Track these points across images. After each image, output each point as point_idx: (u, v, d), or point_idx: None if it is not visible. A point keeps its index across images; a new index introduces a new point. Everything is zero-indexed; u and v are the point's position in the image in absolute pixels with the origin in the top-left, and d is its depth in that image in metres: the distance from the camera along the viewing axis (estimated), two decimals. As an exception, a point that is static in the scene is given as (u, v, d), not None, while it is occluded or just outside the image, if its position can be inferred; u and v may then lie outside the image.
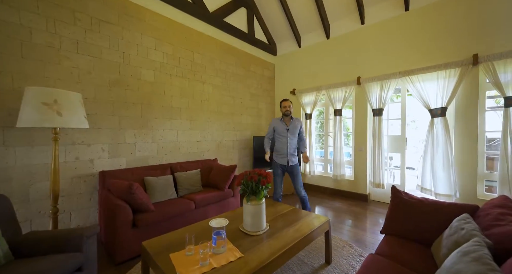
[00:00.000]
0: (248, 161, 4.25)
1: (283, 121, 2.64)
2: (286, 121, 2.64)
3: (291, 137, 2.59)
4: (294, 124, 2.61)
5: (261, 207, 1.61)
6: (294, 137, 2.61)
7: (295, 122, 2.62)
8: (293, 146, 2.62)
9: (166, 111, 2.97)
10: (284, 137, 2.60)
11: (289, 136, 2.59)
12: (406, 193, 1.63)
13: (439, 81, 2.84)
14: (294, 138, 2.62)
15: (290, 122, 2.62)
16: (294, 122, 2.62)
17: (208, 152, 3.54)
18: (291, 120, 2.62)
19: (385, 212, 3.11)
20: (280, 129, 2.62)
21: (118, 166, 2.50)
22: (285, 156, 2.60)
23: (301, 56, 4.47)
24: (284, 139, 2.59)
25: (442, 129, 2.77)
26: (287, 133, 2.59)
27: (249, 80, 4.29)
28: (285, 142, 2.58)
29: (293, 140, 2.61)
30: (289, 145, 2.59)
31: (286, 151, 2.58)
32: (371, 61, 3.53)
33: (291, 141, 2.59)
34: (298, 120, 2.69)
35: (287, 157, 2.59)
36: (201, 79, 3.42)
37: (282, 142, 2.61)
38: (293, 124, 2.61)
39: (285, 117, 2.64)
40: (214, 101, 3.62)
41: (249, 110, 4.31)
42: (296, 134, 2.62)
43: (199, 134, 3.41)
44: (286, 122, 2.63)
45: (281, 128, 2.61)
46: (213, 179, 2.92)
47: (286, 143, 2.58)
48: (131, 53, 2.61)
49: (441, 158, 2.75)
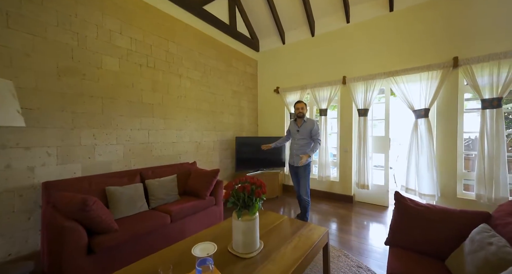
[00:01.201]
0: (230, 163, 3.95)
1: (296, 123, 2.71)
2: (298, 122, 2.69)
3: (299, 138, 2.63)
4: (305, 125, 2.62)
5: (254, 223, 1.34)
6: (303, 138, 2.61)
7: (307, 123, 2.63)
8: (301, 147, 2.61)
9: (135, 108, 2.52)
10: (293, 138, 2.71)
11: (298, 137, 2.64)
12: (411, 199, 1.51)
13: (422, 82, 2.87)
14: (303, 140, 2.61)
15: (302, 124, 2.65)
16: (305, 124, 2.63)
17: (186, 154, 3.15)
18: (303, 122, 2.65)
19: (371, 214, 3.08)
20: (292, 130, 2.75)
21: (71, 174, 2.02)
22: (292, 156, 2.68)
23: (285, 53, 4.30)
24: (293, 139, 2.72)
25: (425, 130, 2.81)
26: (296, 134, 2.66)
27: (230, 76, 3.98)
28: (294, 142, 2.69)
29: (301, 141, 2.62)
30: (297, 146, 2.63)
31: (293, 152, 2.67)
32: (357, 61, 3.49)
33: (298, 142, 2.63)
34: (312, 122, 2.62)
35: (293, 158, 2.66)
36: (178, 72, 3.02)
37: (292, 142, 2.74)
38: (304, 126, 2.63)
39: (298, 119, 2.68)
40: (192, 97, 3.24)
41: (231, 109, 4.00)
42: (306, 135, 2.61)
43: (175, 134, 3.00)
44: (298, 123, 2.69)
45: (293, 129, 2.73)
46: (192, 186, 2.56)
47: (294, 144, 2.68)
48: (89, 35, 2.13)
49: (425, 159, 2.78)
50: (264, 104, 4.62)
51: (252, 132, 4.57)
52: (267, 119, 4.57)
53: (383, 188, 3.39)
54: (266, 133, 4.56)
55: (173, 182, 2.44)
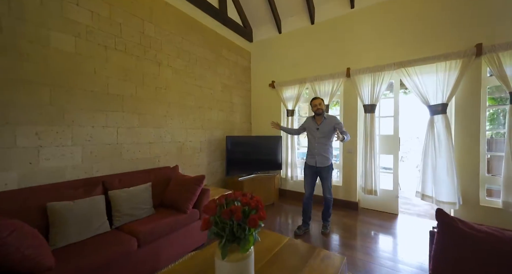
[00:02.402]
0: (220, 166, 3.48)
1: (315, 120, 2.51)
2: (318, 120, 2.49)
3: (320, 137, 2.42)
4: (326, 123, 2.42)
5: (247, 263, 0.90)
6: (324, 137, 2.42)
7: (327, 121, 2.43)
8: (322, 147, 2.42)
9: (98, 100, 2.02)
10: (313, 136, 2.49)
11: (319, 135, 2.43)
12: (462, 221, 1.11)
13: (438, 74, 2.52)
14: (324, 138, 2.42)
15: (322, 121, 2.45)
16: (326, 121, 2.43)
17: (166, 157, 2.67)
18: (323, 119, 2.44)
19: (380, 224, 2.70)
20: (311, 128, 2.52)
21: (1, 187, 1.50)
22: (313, 156, 2.46)
23: (282, 43, 3.88)
24: (313, 138, 2.49)
25: (443, 127, 2.45)
26: (316, 133, 2.45)
27: (220, 67, 3.52)
28: (314, 142, 2.47)
29: (322, 139, 2.42)
30: (318, 145, 2.43)
31: (314, 151, 2.46)
32: (363, 51, 3.11)
33: (320, 140, 2.42)
34: (333, 118, 2.44)
35: (315, 158, 2.44)
36: (156, 59, 2.54)
37: (311, 141, 2.52)
38: (324, 123, 2.43)
39: (317, 116, 2.48)
40: (174, 89, 2.76)
41: (221, 104, 3.54)
42: (327, 134, 2.41)
43: (153, 133, 2.52)
44: (317, 121, 2.49)
45: (312, 127, 2.51)
46: (170, 196, 2.09)
47: (315, 143, 2.46)
48: (26, 2, 1.62)
49: (444, 161, 2.42)
50: (258, 100, 4.18)
51: (245, 131, 4.12)
52: (262, 116, 4.14)
53: (391, 194, 3.02)
54: (260, 132, 4.13)
55: (146, 192, 1.96)
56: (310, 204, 2.53)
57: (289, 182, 3.79)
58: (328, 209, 2.52)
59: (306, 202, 2.50)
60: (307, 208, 2.51)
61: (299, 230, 2.49)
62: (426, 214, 3.04)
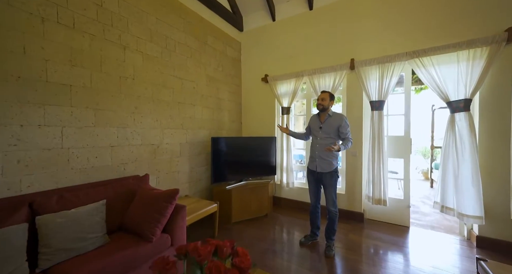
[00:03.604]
0: (205, 173, 2.99)
1: (319, 118, 2.19)
2: (322, 117, 2.17)
3: (323, 137, 2.11)
4: (330, 121, 2.10)
5: None
6: (328, 137, 2.09)
7: (332, 119, 2.10)
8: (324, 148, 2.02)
9: (29, 89, 1.49)
10: (315, 136, 2.19)
11: (321, 135, 2.12)
12: None
13: (460, 64, 2.15)
14: (328, 139, 2.09)
15: (325, 119, 2.12)
16: (330, 119, 2.10)
17: (135, 164, 2.15)
18: (327, 116, 2.11)
19: (390, 240, 2.31)
20: (314, 127, 2.22)
21: None
22: (313, 160, 2.16)
23: (276, 32, 3.43)
24: (315, 139, 2.18)
25: (466, 128, 2.08)
26: (319, 132, 2.14)
27: (205, 57, 3.02)
28: (315, 142, 2.17)
29: (325, 140, 2.09)
30: (319, 146, 2.11)
31: (315, 154, 2.15)
32: (369, 39, 2.71)
33: (322, 141, 2.10)
34: (338, 117, 2.10)
35: (315, 162, 2.14)
36: (120, 41, 2.02)
37: (312, 142, 2.22)
38: (328, 122, 2.10)
39: (321, 113, 2.17)
40: (145, 80, 2.25)
41: (206, 100, 3.05)
42: (332, 133, 2.08)
43: (116, 134, 2.00)
44: (321, 118, 2.17)
45: (315, 126, 2.20)
46: (133, 218, 1.59)
47: (316, 144, 2.15)
48: None
49: (468, 167, 2.05)
50: (249, 96, 3.72)
51: (235, 131, 3.65)
52: (253, 115, 3.68)
53: (402, 204, 2.64)
54: (252, 132, 3.67)
55: (96, 214, 1.45)
56: (317, 214, 2.25)
57: (285, 190, 3.35)
58: (333, 225, 2.11)
59: (313, 211, 2.26)
60: (313, 219, 2.26)
61: (305, 239, 2.26)
62: (439, 225, 2.68)
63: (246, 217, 2.83)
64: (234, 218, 2.74)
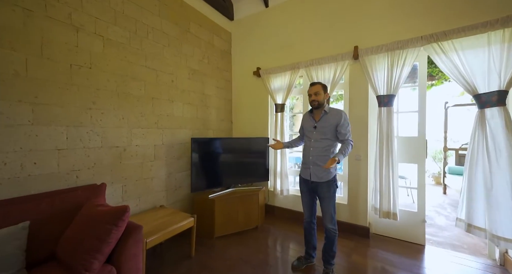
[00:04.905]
0: (186, 179, 2.61)
1: (312, 116, 1.81)
2: (316, 115, 1.79)
3: (318, 139, 1.73)
4: (326, 119, 1.72)
5: None
6: (324, 139, 1.70)
7: (330, 116, 1.72)
8: (320, 153, 1.70)
9: None
10: (309, 138, 1.79)
11: (315, 136, 1.74)
12: None
13: (492, 48, 1.73)
14: (324, 140, 1.70)
15: (321, 116, 1.74)
16: (327, 117, 1.72)
17: (92, 170, 1.78)
18: (324, 113, 1.73)
19: (403, 264, 1.89)
20: (307, 127, 1.84)
21: None
22: (307, 166, 1.77)
23: (269, 19, 3.04)
24: (309, 141, 1.79)
25: (501, 127, 1.66)
26: (313, 133, 1.75)
27: (187, 46, 2.65)
28: (309, 146, 1.78)
29: (321, 143, 1.71)
30: (313, 150, 1.73)
31: (308, 159, 1.76)
32: (376, 22, 2.30)
33: (317, 144, 1.72)
34: (337, 113, 1.71)
35: (309, 169, 1.74)
36: (71, 21, 1.65)
37: (305, 145, 1.84)
38: (324, 120, 1.72)
39: (315, 110, 1.78)
40: (107, 70, 1.88)
41: (188, 96, 2.67)
42: (328, 134, 1.70)
43: (65, 133, 1.63)
44: (315, 116, 1.79)
45: (308, 125, 1.82)
46: (65, 246, 1.21)
47: (310, 147, 1.76)
48: None
49: (507, 177, 1.62)
50: (241, 92, 3.33)
51: (224, 131, 3.27)
52: (246, 113, 3.29)
53: (416, 217, 2.22)
54: (244, 132, 3.28)
55: (10, 242, 1.08)
56: (312, 231, 1.86)
57: (279, 197, 2.96)
58: (331, 247, 1.73)
59: (307, 228, 1.88)
60: (308, 237, 1.87)
61: (299, 262, 1.87)
62: (461, 244, 2.26)
63: (232, 231, 2.44)
64: (218, 232, 2.35)
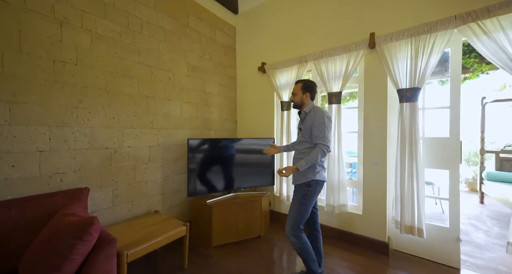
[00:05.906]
0: (185, 183, 2.46)
1: (300, 117, 1.73)
2: (302, 116, 1.70)
3: (299, 141, 1.68)
4: (306, 120, 1.63)
5: None
6: (304, 141, 1.63)
7: (307, 117, 1.63)
8: (298, 155, 1.66)
9: None
10: (297, 140, 1.76)
11: (299, 139, 1.71)
12: None
13: (553, 24, 1.35)
14: (303, 143, 1.63)
15: (303, 118, 1.67)
16: (306, 118, 1.64)
17: (77, 173, 1.67)
18: (304, 114, 1.66)
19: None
20: (297, 129, 1.80)
21: None
22: None
23: (276, 9, 2.80)
24: (296, 143, 1.77)
25: None
26: (298, 134, 1.73)
27: (186, 42, 2.49)
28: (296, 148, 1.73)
29: (301, 145, 1.65)
30: (295, 153, 1.72)
31: (293, 161, 1.72)
32: (396, 3, 1.97)
33: (298, 146, 1.69)
34: (313, 113, 1.59)
35: None
36: (53, 14, 1.55)
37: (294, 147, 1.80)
38: (305, 121, 1.64)
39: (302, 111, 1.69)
40: (96, 66, 1.76)
41: (187, 94, 2.52)
42: (306, 136, 1.61)
43: (47, 134, 1.53)
44: (301, 117, 1.71)
45: (297, 127, 1.82)
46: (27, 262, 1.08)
47: (296, 149, 1.72)
48: None
49: None
50: (246, 89, 3.13)
51: (228, 131, 3.08)
52: (251, 112, 3.08)
53: (448, 234, 1.85)
54: (249, 133, 3.07)
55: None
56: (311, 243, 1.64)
57: (285, 203, 2.70)
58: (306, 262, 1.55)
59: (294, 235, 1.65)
60: None
61: None
62: (509, 269, 1.84)
63: (231, 240, 2.24)
64: (215, 241, 2.16)
